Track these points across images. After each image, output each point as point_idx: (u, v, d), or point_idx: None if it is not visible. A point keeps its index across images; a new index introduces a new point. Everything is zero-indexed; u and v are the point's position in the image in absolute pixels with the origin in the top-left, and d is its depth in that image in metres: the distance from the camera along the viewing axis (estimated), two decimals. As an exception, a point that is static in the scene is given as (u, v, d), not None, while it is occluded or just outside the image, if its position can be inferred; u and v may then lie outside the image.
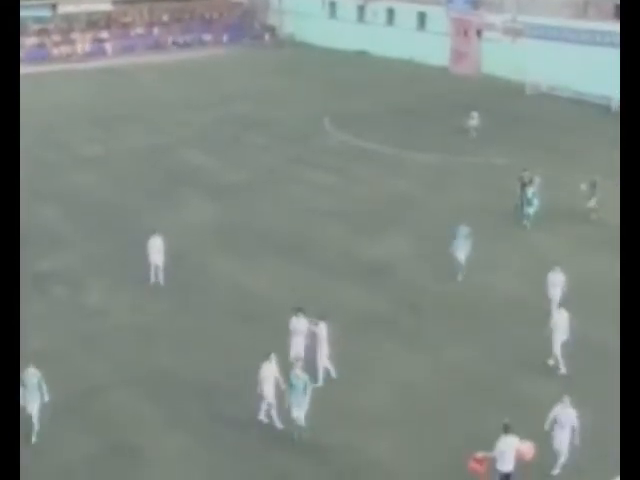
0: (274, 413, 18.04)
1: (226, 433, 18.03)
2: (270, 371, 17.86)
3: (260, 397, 17.99)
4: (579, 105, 48.77)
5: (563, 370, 20.50)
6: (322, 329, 19.85)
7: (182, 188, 34.75)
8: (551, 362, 20.81)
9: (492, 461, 15.76)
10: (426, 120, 45.51)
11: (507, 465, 15.69)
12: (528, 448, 15.87)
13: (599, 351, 21.21)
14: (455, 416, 18.65)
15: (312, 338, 19.98)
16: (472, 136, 41.22)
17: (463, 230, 25.42)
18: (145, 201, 33.12)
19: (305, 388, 17.31)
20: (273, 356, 18.11)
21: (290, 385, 17.38)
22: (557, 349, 20.52)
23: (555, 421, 16.62)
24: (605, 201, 30.92)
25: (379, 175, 36.25)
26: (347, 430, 18.00)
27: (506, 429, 15.67)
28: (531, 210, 29.79)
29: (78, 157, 39.74)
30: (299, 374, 17.40)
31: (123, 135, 43.95)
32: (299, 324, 19.84)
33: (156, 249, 25.06)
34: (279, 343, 19.70)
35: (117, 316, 23.51)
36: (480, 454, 15.81)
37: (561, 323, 20.40)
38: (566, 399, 16.46)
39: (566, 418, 16.44)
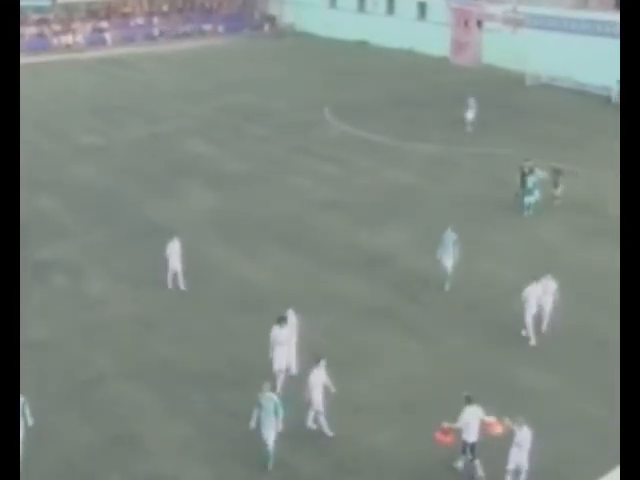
0: (323, 420, 17.60)
1: (227, 423, 18.06)
2: (319, 378, 17.36)
3: (308, 404, 17.54)
4: (579, 96, 48.72)
5: (533, 342, 21.26)
6: (291, 317, 19.79)
7: (182, 178, 34.74)
8: (524, 333, 21.51)
9: (458, 432, 16.04)
10: (427, 110, 45.45)
11: (472, 435, 16.03)
12: (496, 423, 16.12)
13: (600, 339, 21.28)
14: (455, 405, 18.61)
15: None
16: (468, 130, 40.59)
17: (450, 236, 24.05)
18: (145, 190, 33.11)
19: (276, 410, 16.40)
20: (323, 362, 17.63)
21: (259, 405, 16.48)
22: (528, 320, 21.30)
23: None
24: (606, 192, 31.04)
25: (380, 166, 36.23)
26: (347, 420, 18.02)
27: (468, 400, 16.07)
28: (532, 199, 29.67)
29: (78, 147, 39.70)
30: (269, 395, 16.52)
31: (123, 125, 43.89)
32: (281, 335, 18.97)
33: (175, 253, 24.28)
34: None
35: (117, 306, 23.55)
36: (446, 425, 16.10)
37: (532, 295, 21.20)
38: (520, 419, 15.59)
39: (523, 438, 15.58)
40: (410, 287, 24.61)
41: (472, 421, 15.95)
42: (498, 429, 16.13)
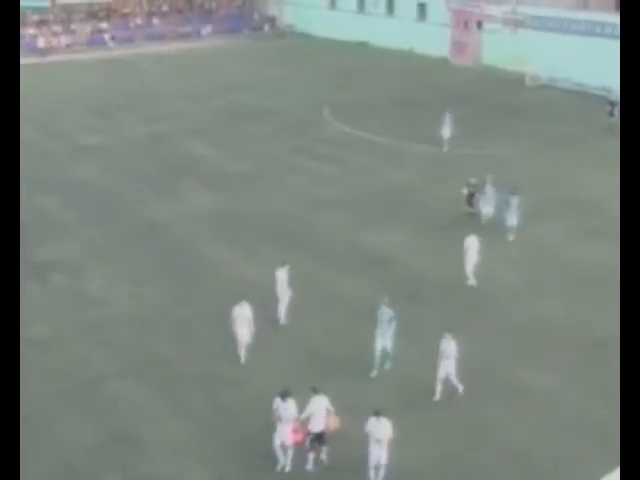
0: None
1: (227, 422, 18.07)
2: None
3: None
4: (579, 96, 48.72)
5: (472, 282, 24.15)
6: (283, 273, 22.01)
7: (182, 178, 34.75)
8: (469, 282, 24.02)
9: (305, 423, 16.20)
10: (426, 111, 45.41)
11: (319, 425, 16.24)
12: (334, 420, 16.43)
13: (600, 339, 21.29)
14: (455, 406, 18.69)
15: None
16: (445, 150, 37.90)
17: (385, 313, 20.01)
18: (145, 190, 33.12)
19: None
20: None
21: None
22: (469, 269, 24.13)
23: None
24: (605, 192, 31.06)
25: (379, 165, 36.25)
26: (347, 420, 17.99)
27: (315, 390, 16.31)
28: (514, 222, 27.31)
29: (78, 146, 39.72)
30: None
31: (123, 125, 43.93)
32: (287, 410, 16.26)
33: (244, 320, 20.40)
34: (278, 331, 19.75)
35: (117, 305, 23.54)
36: (296, 424, 16.20)
37: (472, 247, 23.88)
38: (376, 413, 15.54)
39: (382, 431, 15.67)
40: (410, 287, 24.59)
41: (317, 411, 16.13)
42: (334, 425, 16.41)
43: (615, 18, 42.38)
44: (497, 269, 25.68)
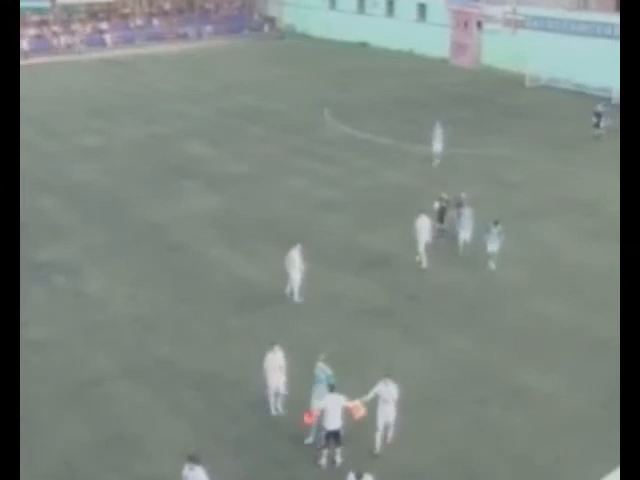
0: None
1: (226, 422, 18.07)
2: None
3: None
4: (579, 97, 48.74)
5: (424, 264, 25.46)
6: (295, 252, 23.08)
7: (182, 179, 34.75)
8: (417, 258, 25.57)
9: (320, 415, 16.24)
10: (426, 111, 45.46)
11: (332, 423, 16.14)
12: (356, 408, 16.36)
13: (600, 339, 21.28)
14: (454, 406, 18.69)
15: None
16: (435, 164, 36.13)
17: (323, 372, 17.39)
18: (145, 191, 33.13)
19: None
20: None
21: None
22: (421, 248, 25.41)
23: None
24: (605, 192, 31.06)
25: (379, 166, 36.23)
26: (346, 421, 18.00)
27: (331, 388, 16.23)
28: (495, 249, 25.50)
29: (78, 147, 39.74)
30: None
31: (123, 126, 43.93)
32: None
33: (277, 368, 18.13)
34: (279, 332, 19.74)
35: (117, 306, 23.53)
36: (313, 408, 16.32)
37: (424, 227, 25.29)
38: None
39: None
40: (409, 287, 24.60)
41: (330, 408, 16.04)
42: (359, 413, 16.38)
43: (615, 18, 42.40)
44: (496, 268, 25.67)
